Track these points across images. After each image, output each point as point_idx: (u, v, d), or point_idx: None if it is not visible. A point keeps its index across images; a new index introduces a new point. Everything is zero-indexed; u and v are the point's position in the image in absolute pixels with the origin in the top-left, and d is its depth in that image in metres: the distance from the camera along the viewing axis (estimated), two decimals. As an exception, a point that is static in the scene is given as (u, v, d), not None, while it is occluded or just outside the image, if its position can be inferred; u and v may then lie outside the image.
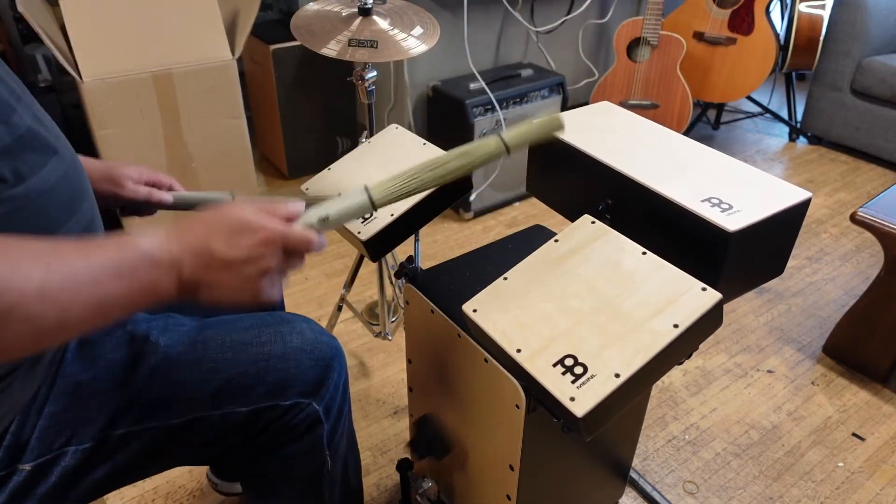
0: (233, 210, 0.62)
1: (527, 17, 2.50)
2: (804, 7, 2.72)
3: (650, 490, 1.36)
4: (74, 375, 0.73)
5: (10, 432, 0.69)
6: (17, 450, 0.69)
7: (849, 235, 2.31)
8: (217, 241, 0.60)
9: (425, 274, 1.02)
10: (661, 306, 0.73)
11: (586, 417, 0.67)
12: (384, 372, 1.68)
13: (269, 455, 0.85)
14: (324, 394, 0.84)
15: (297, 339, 0.83)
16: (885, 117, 2.66)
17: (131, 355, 0.77)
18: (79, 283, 0.53)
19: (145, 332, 0.79)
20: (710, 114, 3.10)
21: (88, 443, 0.72)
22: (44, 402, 0.71)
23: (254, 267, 0.61)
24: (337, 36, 1.35)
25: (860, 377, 1.69)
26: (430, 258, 2.15)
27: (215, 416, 0.78)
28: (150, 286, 0.58)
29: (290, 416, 0.82)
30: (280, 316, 0.86)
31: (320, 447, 0.87)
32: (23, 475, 0.70)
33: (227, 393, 0.78)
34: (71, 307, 0.53)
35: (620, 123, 1.05)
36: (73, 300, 0.53)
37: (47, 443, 0.71)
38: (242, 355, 0.80)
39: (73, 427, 0.72)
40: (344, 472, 0.96)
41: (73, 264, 0.53)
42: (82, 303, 0.53)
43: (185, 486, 1.36)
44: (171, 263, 0.58)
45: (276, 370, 0.80)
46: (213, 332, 0.81)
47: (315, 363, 0.83)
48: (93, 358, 0.75)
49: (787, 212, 0.84)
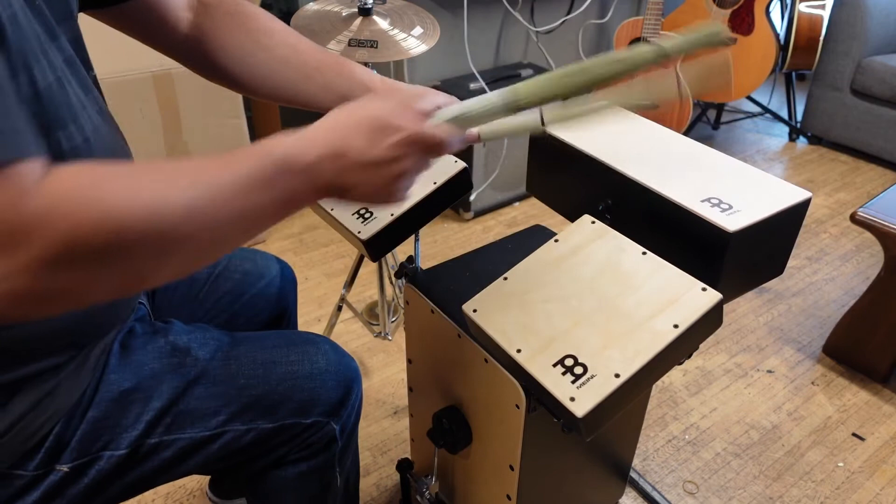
0: (371, 107, 0.59)
1: (527, 17, 2.51)
2: (804, 7, 2.72)
3: (650, 490, 1.36)
4: (118, 383, 0.74)
5: (53, 433, 0.70)
6: (58, 451, 0.70)
7: (849, 235, 2.31)
8: (356, 142, 0.57)
9: (425, 274, 1.02)
10: (662, 306, 0.73)
11: (586, 417, 0.67)
12: (384, 372, 1.68)
13: (283, 470, 0.86)
14: (343, 413, 0.85)
15: (322, 360, 0.84)
16: (885, 117, 2.66)
17: (173, 366, 0.78)
18: (223, 196, 0.51)
19: (186, 344, 0.80)
20: (710, 114, 3.10)
21: (124, 450, 0.73)
22: (87, 407, 0.72)
23: (394, 168, 0.59)
24: (337, 36, 1.35)
25: (860, 377, 1.69)
26: (430, 258, 2.15)
27: (241, 430, 0.79)
28: (292, 193, 0.56)
29: (308, 433, 0.83)
30: (305, 336, 0.87)
31: (332, 465, 0.89)
32: (59, 475, 0.71)
33: (256, 409, 0.79)
34: (218, 222, 0.52)
35: (620, 123, 1.05)
36: (219, 215, 0.51)
37: (86, 446, 0.72)
38: (272, 374, 0.81)
39: (112, 433, 0.73)
40: (345, 485, 0.98)
41: (218, 178, 0.52)
42: (228, 217, 0.52)
43: (185, 485, 1.37)
44: (309, 169, 0.56)
45: (302, 389, 0.82)
46: (245, 348, 0.83)
47: (338, 384, 0.84)
48: (136, 366, 0.76)
49: (787, 212, 0.84)
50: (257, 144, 0.55)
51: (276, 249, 2.17)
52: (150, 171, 0.50)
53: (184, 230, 0.49)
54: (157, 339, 0.80)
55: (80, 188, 0.45)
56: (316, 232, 2.28)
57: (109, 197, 0.46)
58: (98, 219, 0.45)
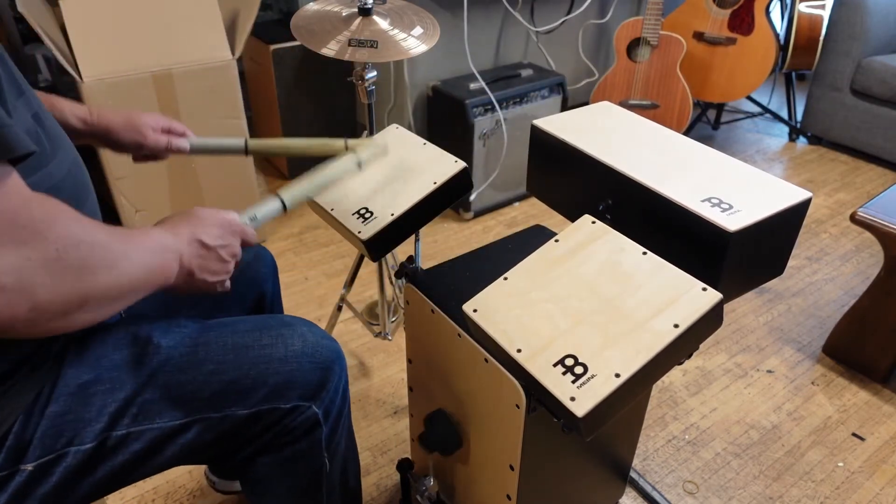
0: (207, 210, 0.77)
1: (527, 17, 2.51)
2: (804, 7, 2.72)
3: (650, 490, 1.36)
4: (76, 376, 0.74)
5: (12, 433, 0.69)
6: (20, 450, 0.70)
7: (849, 235, 2.31)
8: (204, 233, 0.74)
9: (425, 274, 1.02)
10: (662, 306, 0.73)
11: (586, 417, 0.67)
12: (384, 372, 1.68)
13: (268, 457, 0.85)
14: (324, 397, 0.84)
15: (298, 342, 0.83)
16: (885, 117, 2.67)
17: (133, 356, 0.77)
18: (129, 254, 0.65)
19: (147, 333, 0.79)
20: (710, 114, 3.10)
21: (90, 443, 0.73)
22: (46, 403, 0.71)
23: (228, 251, 0.77)
24: (337, 36, 1.35)
25: (860, 377, 1.69)
26: (430, 258, 2.15)
27: (215, 418, 0.78)
28: (169, 267, 0.70)
29: (289, 418, 0.82)
30: (281, 319, 0.86)
31: (318, 449, 0.87)
32: (24, 475, 0.70)
33: (228, 395, 0.79)
34: (126, 271, 0.64)
35: (620, 123, 1.05)
36: (128, 267, 0.65)
37: (49, 443, 0.71)
38: (244, 358, 0.80)
39: (75, 427, 0.72)
40: (343, 474, 0.97)
41: (127, 240, 0.66)
42: (136, 268, 0.66)
43: (185, 485, 1.37)
44: (177, 251, 0.72)
45: (276, 373, 0.81)
46: (215, 334, 0.82)
47: (316, 366, 0.83)
48: (95, 358, 0.76)
49: (788, 212, 0.84)
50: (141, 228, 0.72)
51: (276, 249, 2.17)
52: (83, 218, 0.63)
53: (103, 276, 0.62)
54: (118, 330, 0.79)
55: (62, 211, 0.60)
56: (316, 232, 2.28)
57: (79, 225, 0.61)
58: (77, 237, 0.60)
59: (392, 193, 0.98)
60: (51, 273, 0.56)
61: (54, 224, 0.57)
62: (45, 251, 0.56)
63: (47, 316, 0.58)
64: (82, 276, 0.59)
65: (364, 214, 0.95)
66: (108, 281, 0.62)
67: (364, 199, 0.99)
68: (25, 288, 0.55)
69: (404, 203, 0.95)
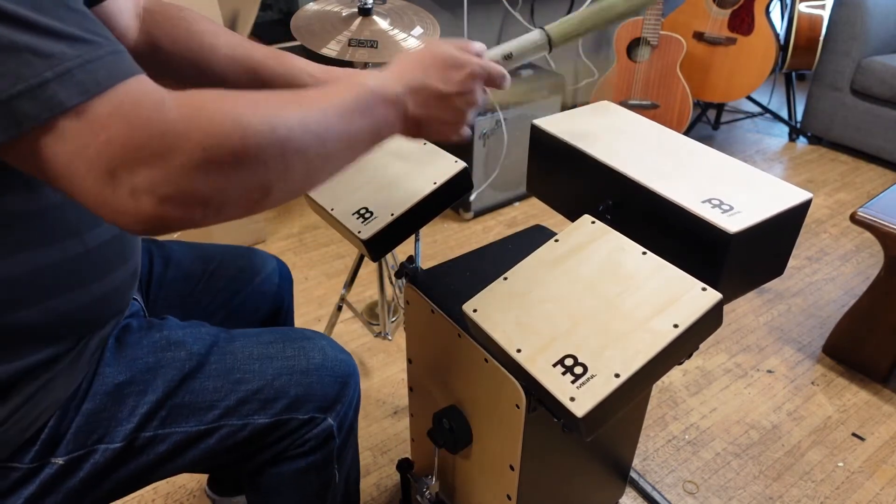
0: (440, 47, 0.69)
1: (527, 17, 2.51)
2: (804, 7, 2.72)
3: (650, 490, 1.36)
4: (112, 376, 0.75)
5: (48, 426, 0.70)
6: (53, 444, 0.71)
7: (849, 235, 2.31)
8: (433, 78, 0.67)
9: (425, 274, 1.02)
10: (662, 306, 0.73)
11: (586, 417, 0.67)
12: (384, 372, 1.68)
13: (279, 468, 0.86)
14: (339, 409, 0.85)
15: (318, 355, 0.84)
16: (885, 117, 2.66)
17: (168, 360, 0.78)
18: (329, 117, 0.58)
19: (181, 338, 0.80)
20: (710, 114, 3.10)
21: (119, 442, 0.74)
22: (82, 400, 0.73)
23: (464, 99, 0.69)
24: (337, 36, 1.35)
25: (860, 377, 1.69)
26: (430, 258, 2.15)
27: (237, 425, 0.79)
28: (385, 121, 0.64)
29: (305, 429, 0.83)
30: (301, 332, 0.88)
31: (330, 462, 0.89)
32: (54, 468, 0.71)
33: (252, 403, 0.80)
34: (327, 140, 0.57)
35: (621, 123, 1.05)
36: (327, 133, 0.57)
37: (81, 439, 0.72)
38: (268, 368, 0.81)
39: (107, 426, 0.73)
40: (346, 482, 0.98)
41: (321, 102, 0.58)
42: (335, 136, 0.58)
43: (185, 485, 1.37)
44: (398, 100, 0.64)
45: (298, 384, 0.82)
46: (241, 343, 0.83)
47: (334, 380, 0.84)
48: (131, 360, 0.77)
49: (788, 213, 0.84)
50: (353, 77, 0.64)
51: (276, 249, 2.17)
52: (262, 96, 0.55)
53: (298, 143, 0.55)
54: (153, 333, 0.80)
55: (209, 104, 0.51)
56: (316, 232, 2.28)
57: (233, 111, 0.51)
58: (227, 129, 0.51)
59: (392, 193, 0.98)
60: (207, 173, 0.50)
61: (198, 123, 0.49)
62: (190, 155, 0.49)
63: (228, 208, 0.53)
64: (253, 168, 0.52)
65: (364, 214, 0.95)
66: (300, 153, 0.55)
67: (364, 199, 0.99)
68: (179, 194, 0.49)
69: (404, 203, 0.95)
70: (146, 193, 0.48)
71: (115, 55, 0.50)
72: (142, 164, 0.48)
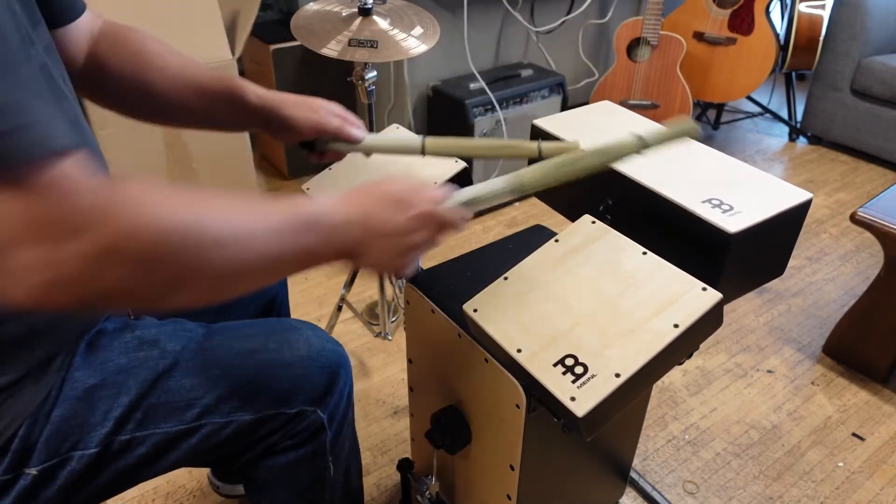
0: (394, 185, 0.66)
1: (527, 17, 2.50)
2: (804, 7, 2.73)
3: (650, 490, 1.36)
4: (83, 380, 0.73)
5: (18, 437, 0.69)
6: (25, 454, 0.69)
7: (849, 235, 2.31)
8: (379, 212, 0.64)
9: (425, 274, 1.02)
10: (662, 306, 0.73)
11: (587, 417, 0.67)
12: (384, 372, 1.68)
13: (271, 461, 0.85)
14: (329, 402, 0.84)
15: (303, 346, 0.83)
16: (885, 117, 2.67)
17: (139, 360, 0.76)
18: (252, 235, 0.56)
19: (154, 336, 0.79)
20: (710, 114, 3.10)
21: (94, 448, 0.72)
22: (52, 407, 0.71)
23: (408, 239, 0.66)
24: (337, 36, 1.35)
25: (860, 377, 1.69)
26: (430, 258, 2.15)
27: (220, 423, 0.78)
28: (313, 249, 0.61)
29: (294, 423, 0.82)
30: (287, 323, 0.86)
31: (323, 454, 0.87)
32: (29, 479, 0.69)
33: (234, 400, 0.78)
34: (243, 257, 0.56)
35: (620, 123, 1.05)
36: (245, 252, 0.55)
37: (54, 447, 0.70)
38: (250, 363, 0.80)
39: (80, 432, 0.72)
40: (346, 476, 0.97)
41: (249, 218, 0.56)
42: (253, 255, 0.56)
43: (185, 485, 1.37)
44: (335, 230, 0.62)
45: (282, 378, 0.80)
46: (221, 338, 0.81)
47: (322, 371, 0.83)
48: (101, 362, 0.75)
49: (788, 213, 0.84)
50: (291, 200, 0.60)
51: (276, 249, 2.17)
52: (193, 197, 0.54)
53: (212, 255, 0.53)
54: (125, 334, 0.78)
55: (132, 196, 0.51)
56: (316, 232, 2.28)
57: (154, 209, 0.51)
58: (143, 225, 0.50)
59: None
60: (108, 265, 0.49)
61: (111, 214, 0.49)
62: (93, 244, 0.48)
63: (132, 302, 0.53)
64: (163, 263, 0.51)
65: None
66: (211, 264, 0.54)
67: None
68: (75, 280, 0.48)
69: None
70: (26, 273, 0.47)
71: (50, 129, 0.48)
72: (31, 243, 0.46)
